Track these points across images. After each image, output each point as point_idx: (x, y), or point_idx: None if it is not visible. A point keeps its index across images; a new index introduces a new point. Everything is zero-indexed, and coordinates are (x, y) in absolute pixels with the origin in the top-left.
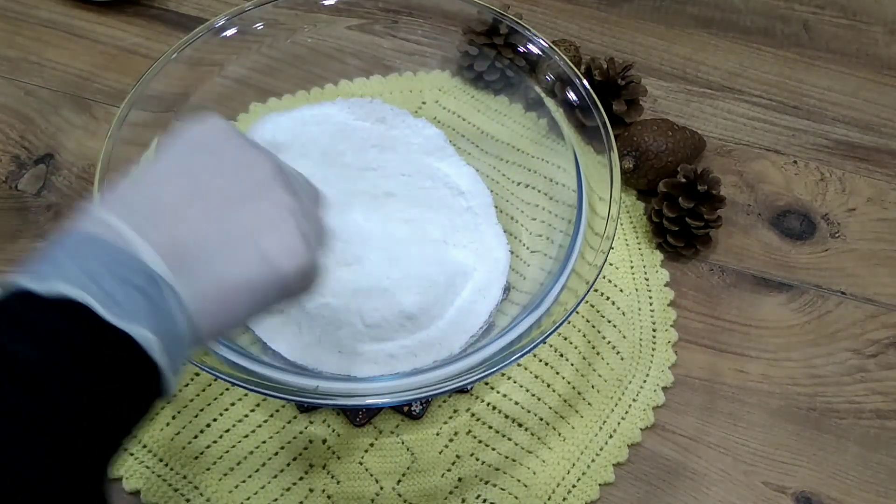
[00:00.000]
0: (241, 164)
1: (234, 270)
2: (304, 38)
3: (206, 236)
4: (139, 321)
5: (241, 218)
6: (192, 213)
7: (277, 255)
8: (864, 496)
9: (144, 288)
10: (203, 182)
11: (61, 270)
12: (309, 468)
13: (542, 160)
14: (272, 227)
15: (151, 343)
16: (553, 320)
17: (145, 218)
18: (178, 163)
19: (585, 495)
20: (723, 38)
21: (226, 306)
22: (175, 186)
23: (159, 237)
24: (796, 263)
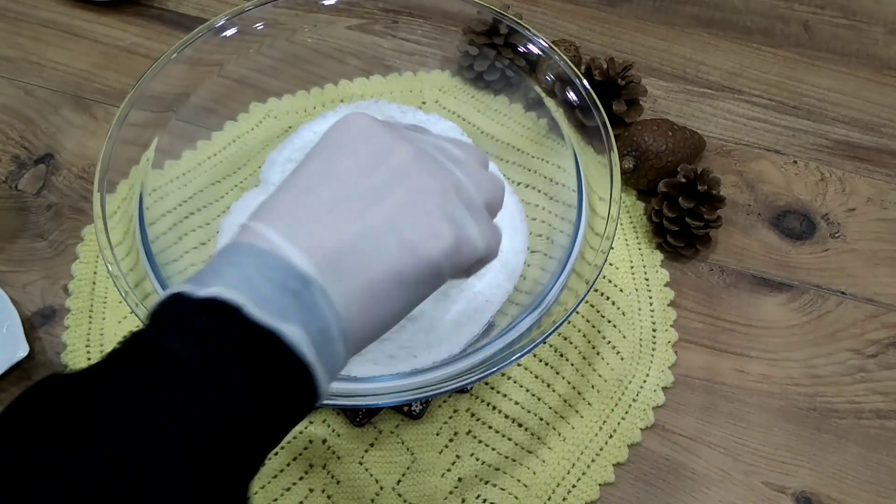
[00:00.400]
0: (378, 156)
1: (379, 264)
2: (304, 38)
3: (350, 235)
4: (291, 320)
5: (381, 210)
6: (335, 214)
7: (419, 241)
8: (864, 496)
9: (296, 289)
10: (343, 182)
11: (218, 276)
12: (309, 468)
13: (542, 160)
14: (411, 214)
15: (301, 340)
16: (553, 320)
17: (292, 224)
18: (320, 167)
19: (585, 495)
20: (723, 38)
21: (376, 302)
22: (318, 191)
23: (307, 241)
24: (796, 263)
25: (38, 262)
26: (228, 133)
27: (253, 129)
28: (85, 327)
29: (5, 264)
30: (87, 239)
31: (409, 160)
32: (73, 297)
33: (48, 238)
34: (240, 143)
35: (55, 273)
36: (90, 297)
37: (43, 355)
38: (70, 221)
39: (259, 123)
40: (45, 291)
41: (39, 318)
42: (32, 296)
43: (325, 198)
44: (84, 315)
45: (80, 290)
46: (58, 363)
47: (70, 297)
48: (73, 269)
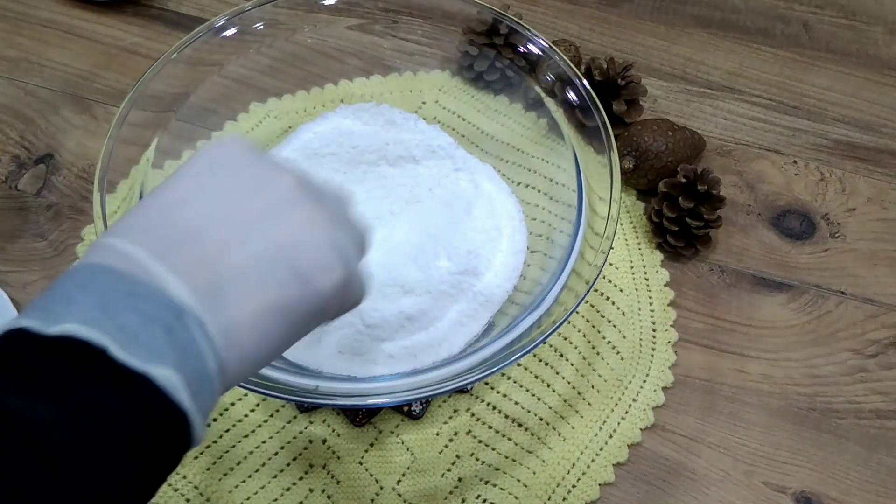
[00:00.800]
0: (262, 179)
1: (266, 294)
2: (304, 38)
3: (234, 258)
4: (163, 361)
5: (269, 235)
6: (215, 235)
7: (311, 272)
8: (864, 496)
9: (169, 323)
10: (223, 202)
11: (72, 307)
12: (309, 468)
13: (542, 160)
14: (303, 243)
15: (176, 385)
16: (553, 320)
17: (165, 244)
18: (195, 184)
19: (585, 495)
20: (723, 38)
21: (261, 333)
22: (194, 208)
23: (182, 265)
24: (796, 263)
25: (38, 262)
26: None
27: (253, 129)
28: None
29: (5, 264)
30: (87, 239)
31: (294, 187)
32: None
33: (48, 238)
34: None
35: (55, 273)
36: None
37: None
38: (70, 221)
39: (259, 123)
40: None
41: None
42: (32, 296)
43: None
44: None
45: None
46: None
47: None
48: None
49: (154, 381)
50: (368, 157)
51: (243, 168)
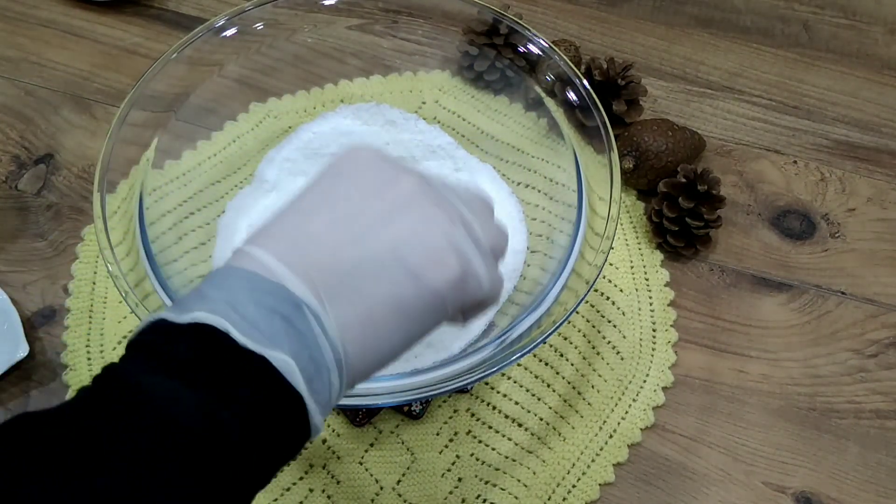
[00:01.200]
0: (383, 183)
1: (380, 290)
2: (304, 38)
3: (350, 259)
4: (280, 347)
5: (385, 235)
6: (335, 237)
7: (425, 269)
8: (864, 496)
9: (288, 315)
10: (345, 207)
11: (204, 302)
12: (309, 468)
13: (542, 160)
14: (417, 241)
15: (291, 368)
16: (553, 320)
17: (289, 248)
18: (321, 193)
19: (585, 495)
20: (723, 38)
21: (375, 330)
22: (317, 215)
23: (303, 265)
24: (796, 263)
25: (38, 262)
26: (228, 133)
27: (253, 129)
28: (85, 327)
29: (5, 264)
30: (87, 239)
31: (415, 189)
32: (73, 297)
33: (48, 238)
34: (240, 143)
35: (55, 273)
36: (90, 297)
37: (43, 355)
38: (70, 221)
39: (259, 123)
40: (45, 291)
41: (39, 318)
42: (32, 296)
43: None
44: (84, 315)
45: (80, 290)
46: (58, 363)
47: (70, 297)
48: (73, 269)
49: (271, 363)
50: None
51: (368, 173)
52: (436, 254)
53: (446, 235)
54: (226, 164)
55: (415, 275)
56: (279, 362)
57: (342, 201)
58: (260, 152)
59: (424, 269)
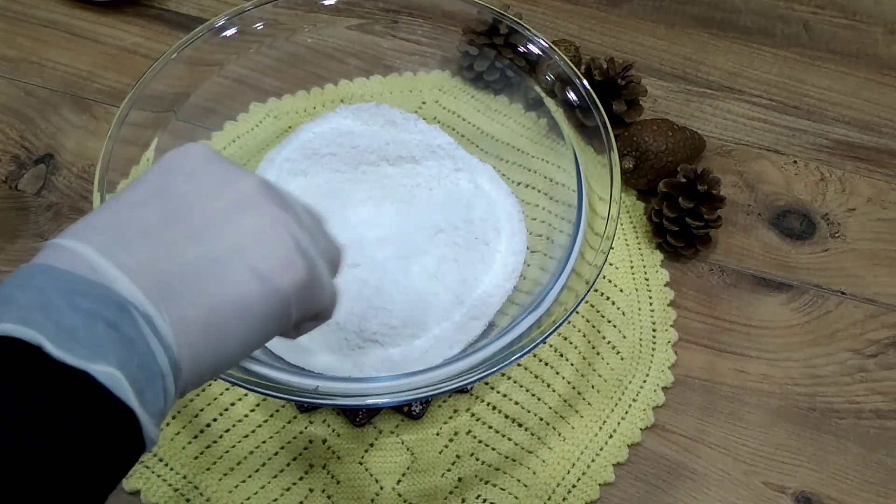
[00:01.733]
0: (223, 181)
1: (222, 291)
2: (304, 38)
3: (189, 257)
4: (104, 358)
5: (229, 233)
6: (171, 234)
7: (272, 270)
8: (864, 496)
9: (112, 319)
10: (180, 202)
11: (10, 307)
12: (309, 468)
13: (542, 160)
14: (262, 240)
15: (118, 381)
16: (553, 320)
17: (117, 242)
18: (153, 186)
19: (585, 495)
20: (723, 38)
21: (216, 334)
22: (150, 209)
23: (134, 262)
24: (796, 263)
25: None
26: (228, 133)
27: (253, 129)
28: None
29: (5, 264)
30: None
31: (256, 189)
32: None
33: (48, 238)
34: (240, 143)
35: None
36: None
37: None
38: (70, 221)
39: (259, 123)
40: None
41: None
42: None
43: (156, 215)
44: None
45: None
46: None
47: None
48: None
49: (94, 378)
50: (368, 158)
51: (204, 171)
52: (283, 254)
53: (293, 237)
54: None
55: (261, 276)
56: (103, 376)
57: (176, 196)
58: (260, 152)
59: (271, 271)
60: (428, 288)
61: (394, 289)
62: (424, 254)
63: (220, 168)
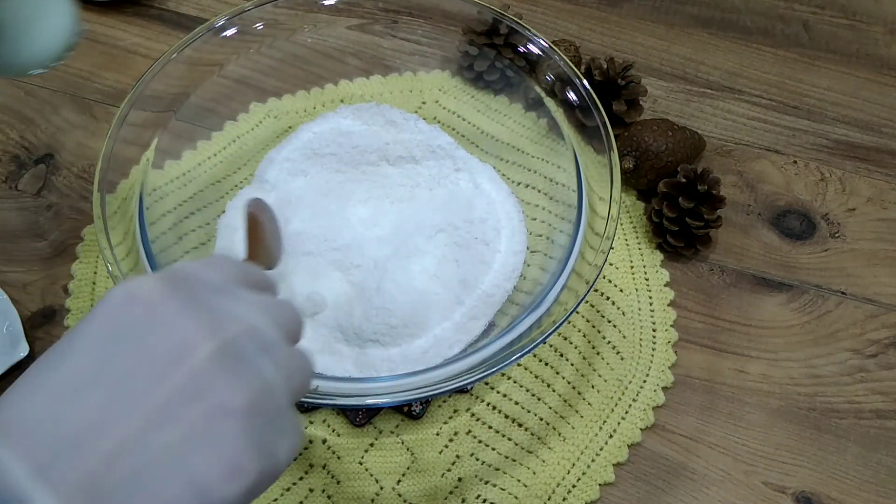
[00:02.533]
0: (172, 355)
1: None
2: (304, 38)
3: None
4: None
5: (167, 437)
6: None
7: (215, 481)
8: (864, 496)
9: None
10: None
11: None
12: (309, 468)
13: (542, 160)
14: (206, 444)
15: None
16: (553, 320)
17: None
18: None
19: (585, 495)
20: (723, 38)
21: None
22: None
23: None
24: (796, 263)
25: (38, 262)
26: (228, 133)
27: (253, 129)
28: None
29: (5, 264)
30: (87, 239)
31: (210, 361)
32: (73, 297)
33: (48, 238)
34: (240, 143)
35: (55, 273)
36: (90, 297)
37: None
38: (70, 221)
39: (259, 123)
40: (45, 291)
41: (39, 318)
42: (32, 296)
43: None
44: (84, 315)
45: (80, 290)
46: None
47: (70, 297)
48: (73, 269)
49: None
50: (368, 158)
51: (151, 334)
52: (230, 458)
53: (244, 430)
54: (226, 164)
55: (202, 489)
56: None
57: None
58: (260, 152)
59: (215, 482)
60: (428, 288)
61: (394, 289)
62: (424, 254)
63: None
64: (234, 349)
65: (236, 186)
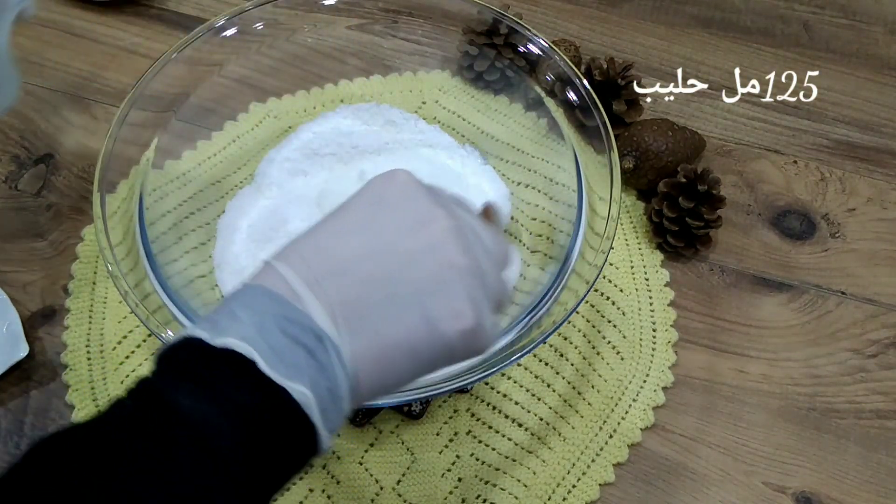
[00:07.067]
0: (418, 221)
1: (396, 331)
2: (304, 38)
3: (374, 295)
4: (301, 379)
5: (410, 277)
6: (363, 270)
7: (441, 318)
8: (864, 496)
9: (311, 346)
10: (379, 238)
11: (235, 324)
12: (309, 468)
13: (542, 160)
14: (439, 289)
15: (310, 402)
16: (553, 320)
17: (319, 274)
18: (358, 218)
19: (585, 495)
20: (723, 38)
21: (386, 366)
22: (351, 243)
23: (330, 295)
24: (796, 263)
25: (38, 262)
26: (228, 133)
27: (253, 129)
28: (85, 327)
29: (5, 264)
30: (87, 239)
31: (447, 232)
32: (73, 297)
33: (48, 238)
34: (240, 143)
35: (55, 273)
36: (90, 297)
37: (43, 355)
38: (70, 221)
39: (259, 123)
40: (45, 291)
41: (39, 318)
42: (32, 296)
43: (357, 250)
44: (84, 315)
45: (80, 290)
46: (58, 363)
47: (70, 297)
48: (73, 269)
49: (291, 395)
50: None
51: (405, 205)
52: (455, 305)
53: (467, 287)
54: (226, 164)
55: (432, 324)
56: (298, 395)
57: (378, 232)
58: (260, 152)
59: (442, 320)
60: None
61: None
62: None
63: (420, 203)
64: (463, 231)
65: (236, 186)
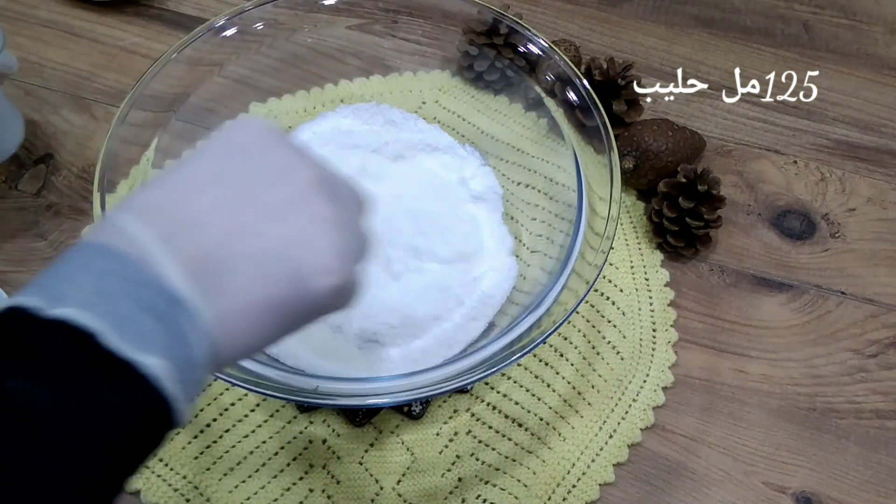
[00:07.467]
0: (281, 171)
1: (263, 288)
2: (304, 38)
3: (236, 250)
4: (152, 350)
5: (275, 231)
6: (223, 223)
7: (310, 274)
8: (864, 496)
9: (162, 311)
10: (238, 188)
11: (73, 289)
12: (309, 468)
13: (542, 160)
14: (307, 243)
15: (163, 374)
16: (553, 320)
17: (172, 228)
18: (214, 165)
19: (585, 495)
20: (723, 38)
21: (252, 326)
22: (208, 192)
23: (185, 251)
24: (796, 263)
25: (38, 262)
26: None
27: None
28: None
29: (5, 264)
30: None
31: (311, 182)
32: None
33: (48, 238)
34: None
35: None
36: None
37: None
38: (70, 221)
39: None
40: None
41: None
42: None
43: (213, 201)
44: None
45: None
46: None
47: None
48: None
49: (141, 370)
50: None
51: (264, 154)
52: (324, 260)
53: (335, 241)
54: None
55: (300, 279)
56: (149, 368)
57: (235, 182)
58: None
59: (310, 275)
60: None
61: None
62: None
63: (281, 153)
64: (327, 180)
65: None
